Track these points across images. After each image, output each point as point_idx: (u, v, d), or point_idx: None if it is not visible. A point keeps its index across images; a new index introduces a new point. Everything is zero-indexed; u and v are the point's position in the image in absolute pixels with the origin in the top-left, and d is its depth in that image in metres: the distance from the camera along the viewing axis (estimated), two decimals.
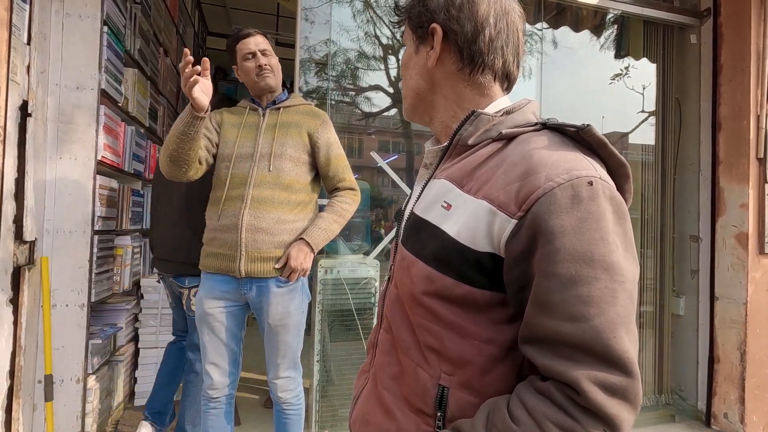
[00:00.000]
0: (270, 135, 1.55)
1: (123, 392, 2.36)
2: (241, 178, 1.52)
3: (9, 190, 1.55)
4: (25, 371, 1.63)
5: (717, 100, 2.60)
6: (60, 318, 1.73)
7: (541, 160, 0.52)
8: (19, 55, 1.57)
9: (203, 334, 1.55)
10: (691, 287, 2.68)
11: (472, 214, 0.55)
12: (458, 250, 0.55)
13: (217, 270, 1.52)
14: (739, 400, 2.41)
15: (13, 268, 1.58)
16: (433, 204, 0.61)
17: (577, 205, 0.49)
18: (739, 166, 2.47)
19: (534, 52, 2.77)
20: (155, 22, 2.80)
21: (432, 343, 0.58)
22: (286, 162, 1.53)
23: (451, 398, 0.56)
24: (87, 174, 1.77)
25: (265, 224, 1.48)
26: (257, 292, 1.52)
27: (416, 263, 0.60)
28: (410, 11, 0.69)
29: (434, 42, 0.64)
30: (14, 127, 1.57)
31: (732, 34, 2.53)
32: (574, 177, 0.50)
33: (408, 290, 0.61)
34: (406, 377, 0.61)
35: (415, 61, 0.69)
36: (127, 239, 2.33)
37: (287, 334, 1.55)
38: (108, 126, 1.99)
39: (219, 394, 1.56)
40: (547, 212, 0.49)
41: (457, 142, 0.63)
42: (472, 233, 0.54)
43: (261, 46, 1.58)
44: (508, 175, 0.53)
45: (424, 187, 0.67)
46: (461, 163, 0.62)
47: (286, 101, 1.64)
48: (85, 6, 1.76)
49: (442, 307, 0.56)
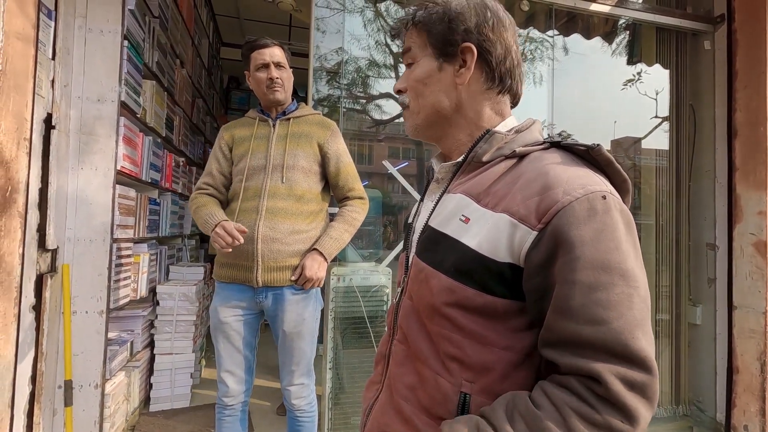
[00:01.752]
0: (281, 146, 1.58)
1: (139, 398, 2.40)
2: (255, 191, 1.55)
3: (33, 200, 1.60)
4: (46, 377, 1.67)
5: (732, 107, 2.57)
6: (80, 324, 1.77)
7: (557, 176, 0.55)
8: (45, 70, 1.63)
9: (218, 342, 1.58)
10: (709, 296, 2.63)
11: (493, 226, 0.58)
12: (480, 261, 0.58)
13: (233, 280, 1.55)
14: (760, 412, 2.35)
15: (36, 276, 1.62)
16: (451, 218, 0.64)
17: (593, 218, 0.52)
18: (756, 173, 2.44)
19: (545, 58, 2.78)
20: (172, 34, 2.87)
21: (453, 352, 0.60)
22: (299, 173, 1.56)
23: (472, 405, 0.58)
24: (107, 184, 1.82)
25: (280, 235, 1.51)
26: (273, 300, 1.55)
27: (436, 275, 0.62)
28: (430, 28, 0.68)
29: (468, 61, 0.66)
30: (39, 139, 1.62)
31: (747, 40, 2.50)
32: (590, 192, 0.53)
33: (426, 301, 0.63)
34: (426, 386, 0.63)
35: (438, 78, 0.68)
36: (143, 247, 2.38)
37: (302, 341, 1.58)
38: (127, 137, 2.04)
39: (234, 401, 1.58)
40: (567, 224, 0.52)
41: (471, 159, 0.66)
42: (494, 245, 0.57)
43: (276, 59, 1.60)
44: (526, 191, 0.56)
45: (438, 202, 0.69)
46: (476, 179, 0.64)
47: (296, 111, 1.66)
48: (106, 21, 1.82)
49: (463, 317, 0.59)
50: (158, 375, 2.50)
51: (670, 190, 2.75)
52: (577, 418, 0.49)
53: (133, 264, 2.22)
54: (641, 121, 2.86)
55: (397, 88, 0.74)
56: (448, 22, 0.67)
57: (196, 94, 3.79)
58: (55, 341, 1.73)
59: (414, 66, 0.70)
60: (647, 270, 2.31)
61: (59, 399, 1.72)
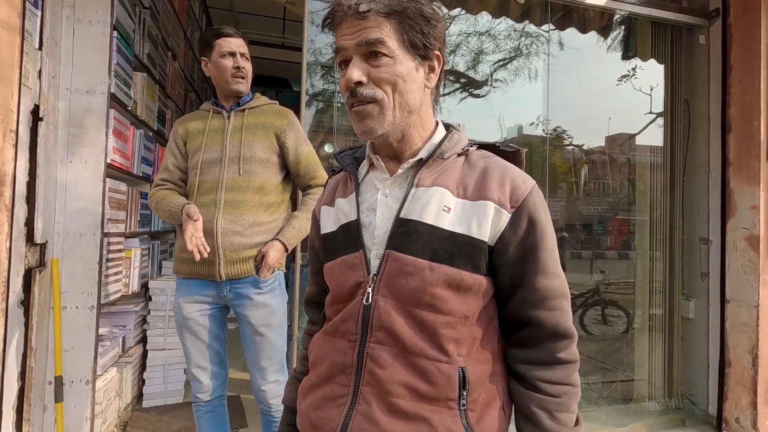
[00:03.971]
0: (237, 138, 1.53)
1: (131, 394, 2.38)
2: (212, 184, 1.51)
3: (21, 193, 1.57)
4: (35, 372, 1.65)
5: (727, 101, 2.58)
6: (70, 320, 1.75)
7: (513, 171, 0.71)
8: (31, 60, 1.59)
9: (185, 339, 1.53)
10: (702, 290, 2.65)
11: (477, 213, 0.68)
12: (473, 244, 0.67)
13: (195, 275, 1.51)
14: (751, 404, 2.37)
15: (24, 270, 1.59)
16: (433, 209, 0.68)
17: (542, 200, 0.71)
18: (749, 167, 2.44)
19: (540, 53, 2.77)
20: (164, 26, 2.83)
21: (450, 334, 0.66)
22: (256, 165, 1.52)
23: (469, 375, 0.66)
24: (97, 177, 1.79)
25: (240, 227, 1.48)
26: (237, 293, 1.51)
27: (429, 265, 0.66)
28: (409, 24, 0.67)
29: (437, 67, 0.73)
30: (26, 131, 1.59)
31: (741, 35, 2.50)
32: (533, 182, 0.71)
33: (416, 294, 0.66)
34: (427, 376, 0.65)
35: (413, 77, 0.69)
36: (135, 242, 2.35)
37: (272, 333, 1.53)
38: (117, 130, 2.01)
39: (210, 396, 1.54)
40: (533, 206, 0.69)
41: (437, 156, 0.72)
42: (481, 228, 0.67)
43: (242, 49, 1.57)
44: (498, 182, 0.69)
45: (406, 196, 0.69)
46: (443, 174, 0.71)
47: (251, 102, 1.61)
48: (95, 11, 1.78)
49: (455, 299, 0.66)
50: (151, 371, 2.48)
51: (665, 185, 2.76)
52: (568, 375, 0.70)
53: (125, 259, 2.19)
54: (636, 116, 2.86)
55: (357, 80, 0.66)
56: (428, 25, 0.68)
57: (189, 88, 3.74)
58: (45, 337, 1.70)
59: (389, 60, 0.67)
60: (641, 264, 2.31)
61: (49, 395, 1.70)
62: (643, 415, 2.58)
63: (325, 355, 0.71)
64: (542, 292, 0.68)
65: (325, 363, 0.71)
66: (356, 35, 0.67)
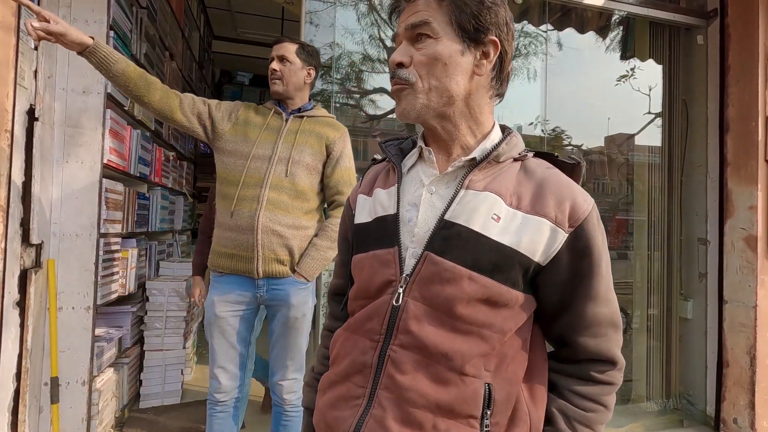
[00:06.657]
0: (290, 140, 1.58)
1: (128, 395, 2.37)
2: (257, 179, 1.53)
3: (16, 194, 1.56)
4: (31, 374, 1.64)
5: (725, 102, 2.58)
6: (66, 320, 1.74)
7: (574, 188, 0.66)
8: (27, 60, 1.58)
9: (213, 337, 1.56)
10: (700, 290, 2.65)
11: (531, 228, 0.63)
12: (517, 259, 0.63)
13: (232, 271, 1.54)
14: (749, 405, 2.37)
15: (20, 271, 1.59)
16: (482, 215, 0.64)
17: (600, 223, 0.66)
18: (747, 167, 2.45)
19: (539, 53, 2.76)
20: (161, 26, 2.82)
21: (483, 348, 0.62)
22: (302, 169, 1.56)
23: (495, 393, 0.62)
24: (93, 177, 1.79)
25: (280, 227, 1.51)
26: (273, 293, 1.55)
27: (470, 275, 0.62)
28: (459, 5, 0.65)
29: (492, 54, 0.67)
30: (22, 132, 1.58)
31: (740, 35, 2.50)
32: (593, 202, 0.66)
33: (452, 303, 0.62)
34: (450, 389, 0.61)
35: (458, 62, 0.65)
36: (132, 242, 2.34)
37: (299, 336, 1.59)
38: (114, 130, 2.00)
39: (227, 397, 1.56)
40: (592, 228, 0.64)
41: (492, 158, 0.67)
42: (534, 245, 0.63)
43: (280, 52, 1.61)
44: (557, 198, 0.64)
45: (454, 197, 0.65)
46: (497, 179, 0.66)
47: (311, 111, 1.67)
48: (91, 11, 1.77)
49: (490, 312, 0.63)
50: (148, 371, 2.47)
51: (663, 186, 2.76)
52: (605, 396, 0.67)
53: (121, 259, 2.19)
54: (634, 117, 2.86)
55: (398, 60, 0.66)
56: (482, 7, 0.65)
57: (187, 88, 3.73)
58: (40, 337, 1.70)
59: (431, 42, 0.65)
60: (639, 265, 2.30)
61: (45, 396, 1.69)
62: (641, 415, 2.58)
63: (347, 353, 0.68)
64: (590, 319, 0.65)
65: (346, 360, 0.68)
66: (406, 20, 0.67)
